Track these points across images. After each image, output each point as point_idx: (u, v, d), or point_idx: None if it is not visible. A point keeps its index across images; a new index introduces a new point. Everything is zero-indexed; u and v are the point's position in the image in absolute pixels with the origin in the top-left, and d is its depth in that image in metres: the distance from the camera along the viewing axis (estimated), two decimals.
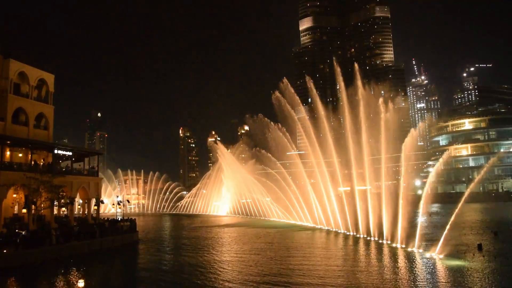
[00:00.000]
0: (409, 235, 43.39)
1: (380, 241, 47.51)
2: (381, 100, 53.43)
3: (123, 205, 75.72)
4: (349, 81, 62.28)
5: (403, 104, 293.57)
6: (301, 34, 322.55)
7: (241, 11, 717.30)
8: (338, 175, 64.50)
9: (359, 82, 57.32)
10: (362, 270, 33.06)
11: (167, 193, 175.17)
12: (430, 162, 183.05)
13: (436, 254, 37.22)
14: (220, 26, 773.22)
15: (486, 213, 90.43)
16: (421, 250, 39.99)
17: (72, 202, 55.26)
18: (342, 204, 61.73)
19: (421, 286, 27.09)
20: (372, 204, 52.09)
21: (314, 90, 74.24)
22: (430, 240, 43.94)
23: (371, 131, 54.25)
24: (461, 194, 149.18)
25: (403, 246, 42.46)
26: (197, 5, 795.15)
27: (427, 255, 37.80)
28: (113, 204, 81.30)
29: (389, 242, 45.79)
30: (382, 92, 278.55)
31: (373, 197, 52.66)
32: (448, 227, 39.44)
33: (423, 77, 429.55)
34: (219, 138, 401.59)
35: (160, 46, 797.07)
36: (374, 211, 51.31)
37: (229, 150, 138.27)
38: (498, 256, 36.61)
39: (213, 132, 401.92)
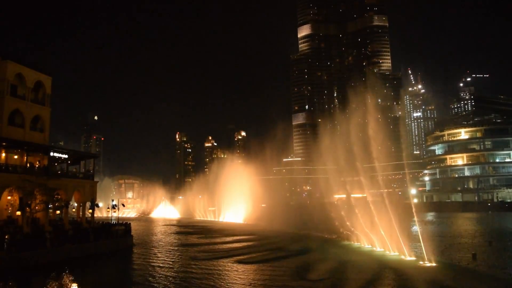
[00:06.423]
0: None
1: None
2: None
3: (118, 209, 75.29)
4: (346, 89, 62.55)
5: (400, 112, 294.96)
6: (300, 41, 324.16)
7: (239, 17, 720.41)
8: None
9: None
10: None
11: (163, 198, 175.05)
12: (426, 171, 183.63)
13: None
14: (217, 32, 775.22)
15: (481, 222, 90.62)
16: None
17: (67, 205, 54.93)
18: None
19: None
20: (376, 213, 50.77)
21: None
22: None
23: (368, 139, 54.22)
24: (456, 203, 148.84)
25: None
26: (195, 11, 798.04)
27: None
28: (108, 208, 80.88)
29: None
30: (379, 100, 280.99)
31: (374, 206, 51.92)
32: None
33: (419, 86, 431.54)
34: (215, 144, 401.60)
35: (157, 51, 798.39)
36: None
37: (225, 156, 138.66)
38: (492, 266, 36.70)
39: (210, 138, 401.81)
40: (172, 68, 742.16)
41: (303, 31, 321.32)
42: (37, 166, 53.57)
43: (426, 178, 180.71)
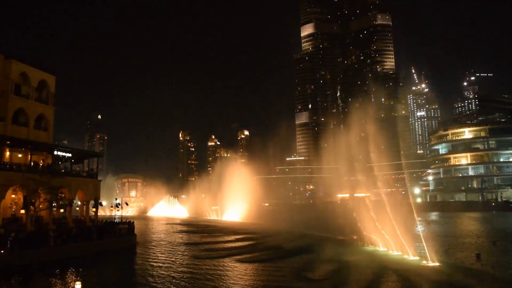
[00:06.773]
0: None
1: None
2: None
3: (121, 207, 75.50)
4: (350, 88, 62.32)
5: (403, 112, 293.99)
6: (303, 40, 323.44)
7: (242, 16, 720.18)
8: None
9: None
10: None
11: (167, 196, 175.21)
12: (429, 171, 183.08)
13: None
14: (220, 30, 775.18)
15: (485, 222, 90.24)
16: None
17: (70, 203, 55.05)
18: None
19: None
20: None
21: None
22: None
23: (372, 138, 54.03)
24: (460, 203, 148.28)
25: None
26: (198, 10, 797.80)
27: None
28: (111, 207, 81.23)
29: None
30: (383, 99, 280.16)
31: (376, 205, 51.68)
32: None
33: (423, 85, 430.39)
34: (219, 143, 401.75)
35: (161, 50, 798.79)
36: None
37: (228, 155, 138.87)
38: (496, 266, 36.53)
39: (213, 137, 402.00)
40: (176, 67, 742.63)
41: (306, 30, 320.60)
42: (41, 164, 53.78)
43: (430, 178, 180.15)
